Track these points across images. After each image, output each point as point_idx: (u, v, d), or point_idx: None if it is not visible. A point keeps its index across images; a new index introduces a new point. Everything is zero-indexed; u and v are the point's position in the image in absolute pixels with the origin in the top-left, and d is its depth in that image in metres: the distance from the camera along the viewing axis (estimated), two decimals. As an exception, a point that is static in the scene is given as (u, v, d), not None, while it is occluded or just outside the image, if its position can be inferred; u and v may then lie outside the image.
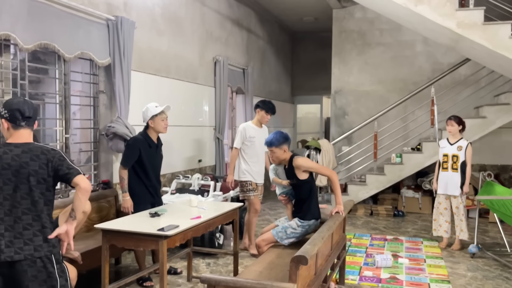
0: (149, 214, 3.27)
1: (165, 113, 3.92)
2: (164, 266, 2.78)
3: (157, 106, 3.90)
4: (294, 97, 11.53)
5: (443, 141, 5.26)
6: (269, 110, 4.86)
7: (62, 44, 3.84)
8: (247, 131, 4.82)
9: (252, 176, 4.81)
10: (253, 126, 4.88)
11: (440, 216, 5.18)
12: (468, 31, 5.12)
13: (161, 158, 4.11)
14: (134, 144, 3.81)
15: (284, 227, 3.51)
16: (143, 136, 3.89)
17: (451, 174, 5.03)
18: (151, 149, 3.88)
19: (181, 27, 5.91)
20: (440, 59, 7.64)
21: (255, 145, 4.82)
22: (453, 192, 5.02)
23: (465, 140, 5.09)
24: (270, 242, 3.49)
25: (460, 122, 5.12)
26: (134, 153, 3.77)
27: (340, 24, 8.20)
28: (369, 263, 4.57)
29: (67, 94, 4.21)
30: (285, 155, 3.59)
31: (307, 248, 2.37)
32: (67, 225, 2.41)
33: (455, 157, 5.04)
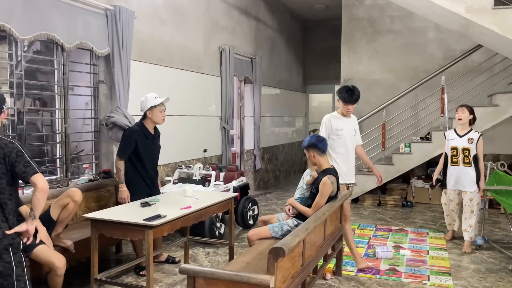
0: (140, 204, 3.28)
1: (164, 105, 3.90)
2: (150, 256, 2.78)
3: (157, 97, 3.88)
4: (306, 86, 11.42)
5: (450, 132, 4.87)
6: (346, 100, 3.92)
7: (61, 34, 3.86)
8: (333, 122, 4.00)
9: (341, 176, 3.84)
10: (338, 116, 4.04)
11: (452, 212, 4.96)
12: (477, 16, 4.94)
13: (158, 148, 4.10)
14: (130, 135, 3.81)
15: (282, 224, 3.47)
16: (140, 127, 3.88)
17: (464, 168, 4.63)
18: (147, 140, 3.88)
19: (185, 16, 5.87)
20: (452, 46, 7.42)
21: (344, 139, 3.98)
22: (468, 187, 4.62)
23: (476, 132, 4.69)
24: (262, 237, 3.45)
25: (472, 111, 4.75)
26: (130, 144, 3.78)
27: (350, 12, 8.04)
28: (370, 254, 4.50)
29: (66, 84, 4.23)
30: (315, 160, 3.50)
31: (287, 239, 2.33)
32: (27, 224, 2.44)
33: (466, 150, 4.62)
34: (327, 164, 3.50)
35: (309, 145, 3.47)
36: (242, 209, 5.38)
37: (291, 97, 10.36)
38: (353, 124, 4.13)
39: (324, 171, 3.42)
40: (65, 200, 3.16)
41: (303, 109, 11.39)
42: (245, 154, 8.17)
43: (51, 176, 4.23)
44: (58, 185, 4.13)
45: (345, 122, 4.03)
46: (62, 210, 3.17)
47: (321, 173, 3.43)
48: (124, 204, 3.52)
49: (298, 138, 10.77)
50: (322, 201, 3.33)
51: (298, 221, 3.43)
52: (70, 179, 4.30)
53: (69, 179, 4.29)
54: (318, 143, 3.45)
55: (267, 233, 3.43)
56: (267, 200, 7.49)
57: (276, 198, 7.60)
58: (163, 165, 5.49)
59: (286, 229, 3.41)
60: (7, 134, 3.74)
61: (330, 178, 3.34)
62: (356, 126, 4.16)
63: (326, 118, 4.07)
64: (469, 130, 4.72)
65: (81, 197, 3.22)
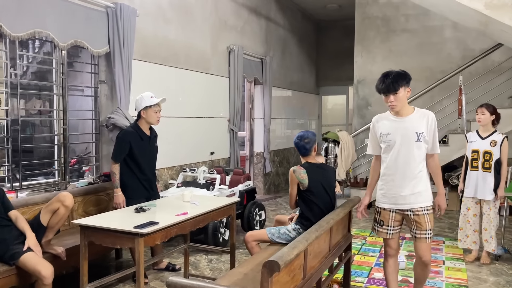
0: (135, 210, 3.11)
1: (159, 105, 3.73)
2: (141, 265, 2.60)
3: (153, 96, 3.71)
4: (319, 88, 11.17)
5: (472, 134, 4.50)
6: (378, 90, 3.02)
7: (56, 32, 3.73)
8: (377, 126, 3.02)
9: (387, 198, 3.00)
10: (388, 116, 3.01)
11: (467, 225, 4.39)
12: (497, 12, 4.65)
13: (155, 150, 3.93)
14: (124, 138, 3.64)
15: (279, 227, 3.29)
16: (134, 128, 3.71)
17: (483, 174, 4.23)
18: (143, 141, 3.70)
19: (191, 15, 5.71)
20: (471, 45, 7.11)
21: (393, 148, 2.91)
22: (485, 196, 4.22)
23: (500, 134, 4.26)
24: (259, 240, 3.26)
25: (494, 111, 4.34)
26: (124, 147, 3.61)
27: (363, 10, 7.78)
28: (381, 264, 4.25)
29: (64, 84, 4.10)
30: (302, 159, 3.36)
31: (283, 252, 2.12)
32: None
33: (487, 154, 4.23)
34: (308, 159, 3.32)
35: (296, 146, 3.32)
36: (248, 214, 5.18)
37: (303, 99, 10.13)
38: (416, 125, 2.88)
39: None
40: (55, 205, 3.00)
41: (316, 111, 11.15)
42: (255, 157, 7.97)
43: (49, 179, 4.10)
44: (55, 188, 3.99)
45: (398, 124, 2.91)
46: (53, 216, 3.02)
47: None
48: (118, 210, 3.36)
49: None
50: (291, 191, 3.28)
51: (296, 225, 3.23)
52: (68, 182, 4.16)
53: (68, 182, 4.15)
54: (298, 141, 3.29)
55: (264, 235, 3.26)
56: (276, 204, 7.28)
57: (286, 203, 7.37)
58: (168, 168, 5.33)
59: (283, 232, 3.23)
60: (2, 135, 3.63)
61: (295, 168, 3.22)
62: (424, 127, 2.87)
63: (372, 122, 3.10)
64: (492, 132, 4.32)
65: (72, 202, 3.06)
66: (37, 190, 3.91)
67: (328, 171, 3.35)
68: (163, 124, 5.19)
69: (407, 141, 2.89)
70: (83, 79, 4.77)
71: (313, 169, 3.24)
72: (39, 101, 4.40)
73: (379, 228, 3.10)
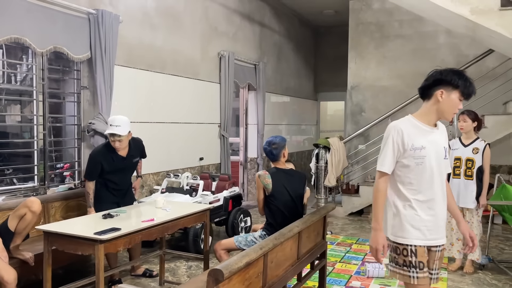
0: (102, 216, 3.10)
1: (113, 136, 3.54)
2: (101, 272, 2.59)
3: (112, 125, 3.53)
4: (318, 94, 11.13)
5: (455, 141, 4.42)
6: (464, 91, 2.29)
7: (34, 38, 3.75)
8: (406, 136, 2.28)
9: (422, 233, 2.30)
10: (418, 125, 2.32)
11: (451, 232, 4.28)
12: (483, 18, 4.61)
13: (132, 166, 3.86)
14: (94, 157, 3.62)
15: (247, 235, 3.27)
16: (107, 147, 3.66)
17: (464, 182, 4.16)
18: (114, 161, 3.65)
19: (179, 21, 5.73)
20: (465, 51, 7.04)
21: (427, 167, 2.29)
22: (467, 204, 4.15)
23: (482, 141, 4.21)
24: (228, 248, 3.23)
25: (475, 118, 4.28)
26: (94, 167, 3.59)
27: (357, 16, 7.75)
28: (361, 273, 4.20)
29: (44, 90, 4.12)
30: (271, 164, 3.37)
31: (231, 260, 2.09)
32: None
33: (469, 161, 4.17)
34: (277, 165, 3.31)
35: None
36: (233, 220, 5.15)
37: (301, 105, 10.10)
38: (443, 139, 2.39)
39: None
40: (22, 210, 3.01)
41: (314, 116, 11.11)
42: (249, 163, 7.96)
43: (27, 184, 4.12)
44: (33, 194, 4.01)
45: (431, 135, 2.32)
46: (20, 221, 3.03)
47: None
48: (85, 216, 3.35)
49: (309, 147, 10.47)
50: (258, 196, 3.26)
51: (264, 233, 3.20)
52: (48, 187, 4.18)
53: (47, 187, 4.17)
54: (266, 147, 3.27)
55: (231, 244, 3.23)
56: (268, 210, 7.23)
57: (278, 209, 7.32)
58: (153, 173, 5.34)
59: (250, 239, 3.20)
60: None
61: (260, 172, 3.21)
62: (446, 141, 2.40)
63: (393, 127, 2.32)
64: (475, 139, 4.27)
65: (40, 207, 3.07)
66: (15, 195, 3.92)
67: (296, 177, 3.30)
68: (150, 129, 5.25)
69: (439, 159, 2.33)
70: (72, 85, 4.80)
71: (279, 174, 3.21)
72: (17, 106, 4.44)
73: (419, 274, 2.26)
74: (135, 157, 3.85)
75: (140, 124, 5.09)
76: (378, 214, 2.32)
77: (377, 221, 2.31)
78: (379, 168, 2.36)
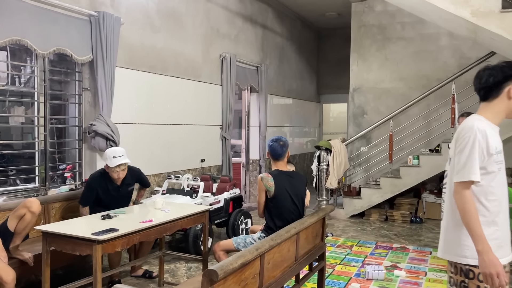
0: (101, 217, 3.12)
1: (119, 167, 3.61)
2: (98, 273, 2.60)
3: (115, 157, 3.60)
4: (320, 96, 11.13)
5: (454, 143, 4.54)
6: None
7: (35, 40, 3.78)
8: (492, 138, 2.00)
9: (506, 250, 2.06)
10: (492, 127, 2.05)
11: None
12: (483, 20, 4.61)
13: (127, 194, 3.88)
14: (91, 184, 3.66)
15: (245, 236, 3.27)
16: (103, 176, 3.69)
17: None
18: (109, 190, 3.69)
19: (181, 23, 5.76)
20: (467, 53, 7.02)
21: (503, 172, 2.08)
22: None
23: None
24: (226, 249, 3.24)
25: None
26: (90, 193, 3.65)
27: (359, 18, 7.76)
28: (361, 275, 4.19)
29: (45, 91, 4.15)
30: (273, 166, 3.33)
31: (226, 261, 2.10)
32: None
33: None
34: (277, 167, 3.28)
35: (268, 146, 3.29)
36: (233, 222, 5.16)
37: (303, 107, 10.10)
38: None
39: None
40: (22, 210, 3.03)
41: (317, 119, 11.10)
42: (251, 165, 7.96)
43: (28, 185, 4.15)
44: (34, 194, 4.03)
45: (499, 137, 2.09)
46: (19, 221, 3.05)
47: None
48: (84, 216, 3.37)
49: (311, 149, 10.47)
50: (259, 199, 3.22)
51: (262, 233, 3.21)
52: (49, 188, 4.20)
53: (48, 188, 4.19)
54: (273, 143, 3.23)
55: (230, 245, 3.23)
56: (270, 212, 7.23)
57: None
58: (154, 174, 5.36)
59: (249, 241, 3.20)
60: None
61: (262, 175, 3.18)
62: None
63: (477, 129, 1.98)
64: None
65: (39, 208, 3.09)
66: (16, 196, 3.95)
67: (297, 180, 3.29)
68: (151, 131, 5.28)
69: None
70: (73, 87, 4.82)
71: (282, 176, 3.21)
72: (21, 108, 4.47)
73: None
74: (130, 186, 3.89)
75: (141, 126, 5.12)
76: (482, 232, 1.92)
77: (483, 241, 1.90)
78: (466, 177, 1.95)
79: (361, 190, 6.77)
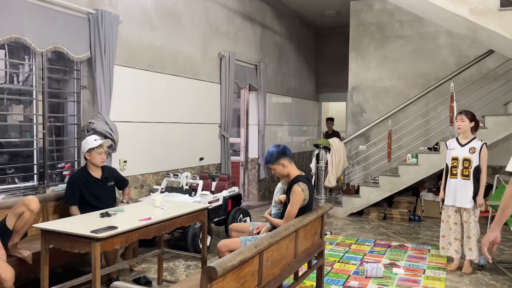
0: (100, 215, 3.12)
1: (102, 147, 3.78)
2: (97, 271, 2.60)
3: (96, 139, 3.77)
4: (319, 95, 11.13)
5: (452, 141, 4.45)
6: None
7: (34, 38, 3.77)
8: None
9: None
10: None
11: (449, 232, 4.33)
12: (482, 18, 4.61)
13: (110, 189, 3.92)
14: (71, 181, 3.73)
15: (255, 237, 3.25)
16: (81, 171, 3.79)
17: (462, 182, 4.19)
18: (90, 184, 3.74)
19: (180, 21, 5.75)
20: (465, 52, 7.03)
21: None
22: (464, 204, 4.17)
23: (479, 140, 4.22)
24: (234, 249, 3.20)
25: (473, 118, 4.28)
26: (72, 191, 3.69)
27: (358, 17, 7.76)
28: (359, 272, 4.20)
29: (44, 89, 4.14)
30: (286, 170, 3.29)
31: (226, 258, 2.10)
32: None
33: (466, 161, 4.18)
34: (296, 171, 3.30)
35: (278, 156, 3.25)
36: (232, 220, 5.15)
37: (302, 105, 10.11)
38: None
39: (295, 179, 3.22)
40: (20, 208, 3.03)
41: (315, 117, 11.11)
42: (249, 163, 7.97)
43: (27, 183, 4.14)
44: (33, 193, 4.03)
45: None
46: (18, 219, 3.04)
47: (292, 182, 3.21)
48: (83, 214, 3.36)
49: (310, 148, 10.46)
50: (293, 211, 3.13)
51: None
52: (47, 186, 4.20)
53: (46, 186, 4.19)
54: (284, 150, 3.26)
55: (238, 245, 3.20)
56: (268, 211, 7.23)
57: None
58: (153, 173, 5.36)
59: None
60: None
61: (300, 185, 3.13)
62: None
63: None
64: (471, 139, 4.26)
65: (38, 206, 3.08)
66: (15, 194, 3.95)
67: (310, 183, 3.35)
68: (150, 129, 5.27)
69: None
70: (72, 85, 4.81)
71: (310, 183, 3.29)
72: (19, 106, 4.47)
73: None
74: (109, 181, 3.93)
75: (139, 124, 5.11)
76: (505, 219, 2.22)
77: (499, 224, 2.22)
78: None
79: (359, 188, 6.78)
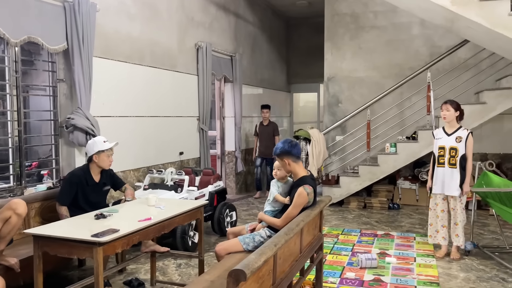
0: (94, 216, 2.92)
1: (112, 149, 3.63)
2: (100, 277, 2.43)
3: (106, 141, 3.61)
4: (291, 85, 11.10)
5: (438, 130, 4.51)
6: None
7: (7, 28, 3.48)
8: None
9: None
10: None
11: (436, 219, 4.42)
12: (463, 8, 4.68)
13: (103, 194, 3.75)
14: (71, 180, 3.50)
15: (253, 235, 3.15)
16: (83, 171, 3.57)
17: (449, 170, 4.27)
18: (88, 187, 3.54)
19: (156, 11, 5.52)
20: (438, 42, 7.17)
21: None
22: (451, 192, 4.27)
23: (465, 130, 4.28)
24: (234, 251, 3.08)
25: (458, 107, 4.35)
26: (70, 189, 3.47)
27: (332, 7, 7.75)
28: (353, 263, 4.20)
29: (18, 83, 3.85)
30: (290, 168, 3.15)
31: (250, 259, 2.00)
32: None
33: (453, 150, 4.25)
34: (303, 171, 3.18)
35: (282, 152, 3.13)
36: (219, 215, 5.04)
37: (274, 96, 10.03)
38: None
39: (301, 180, 3.11)
40: (7, 213, 2.79)
41: (287, 108, 11.08)
42: (226, 156, 7.84)
43: (2, 185, 3.85)
44: (10, 194, 3.75)
45: None
46: (4, 225, 2.81)
47: (297, 182, 3.12)
48: (76, 216, 3.15)
49: (282, 139, 10.44)
50: (294, 213, 3.02)
51: (271, 231, 3.11)
52: (25, 187, 3.92)
53: (24, 187, 3.91)
54: (292, 148, 3.11)
55: (237, 246, 3.07)
56: (248, 204, 7.16)
57: (258, 202, 7.27)
58: (134, 169, 5.14)
59: (258, 240, 3.08)
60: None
61: (307, 189, 3.02)
62: None
63: None
64: (457, 128, 4.33)
65: (26, 210, 2.85)
66: (-10, 196, 3.66)
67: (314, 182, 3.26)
68: (128, 124, 5.04)
69: None
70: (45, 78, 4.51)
71: (315, 184, 3.19)
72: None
73: None
74: (106, 185, 3.75)
75: (119, 119, 4.88)
76: None
77: None
78: None
79: (339, 178, 6.81)
